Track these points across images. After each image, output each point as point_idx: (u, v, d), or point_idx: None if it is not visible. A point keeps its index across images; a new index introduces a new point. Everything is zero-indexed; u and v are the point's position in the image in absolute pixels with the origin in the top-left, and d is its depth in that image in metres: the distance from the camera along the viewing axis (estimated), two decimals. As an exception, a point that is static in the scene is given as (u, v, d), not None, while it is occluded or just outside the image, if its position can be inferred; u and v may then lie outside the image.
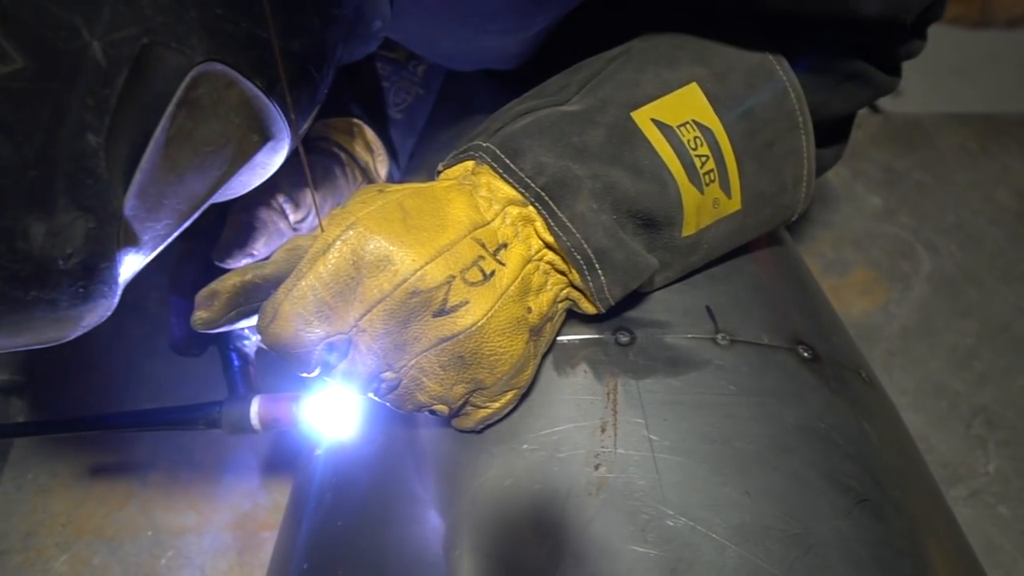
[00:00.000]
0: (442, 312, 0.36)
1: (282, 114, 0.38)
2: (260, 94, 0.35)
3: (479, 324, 0.36)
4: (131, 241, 0.33)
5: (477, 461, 0.40)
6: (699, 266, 0.46)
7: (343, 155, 0.60)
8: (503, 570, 0.36)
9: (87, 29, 0.27)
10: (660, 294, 0.46)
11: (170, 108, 0.31)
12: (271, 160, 0.40)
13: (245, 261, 0.51)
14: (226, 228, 0.50)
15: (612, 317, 0.44)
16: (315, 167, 0.57)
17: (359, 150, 0.63)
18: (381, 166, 0.65)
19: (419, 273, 0.35)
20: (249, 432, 0.48)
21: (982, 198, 0.97)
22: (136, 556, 0.63)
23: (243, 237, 0.51)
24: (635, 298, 0.45)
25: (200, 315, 0.37)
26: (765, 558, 0.35)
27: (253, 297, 0.37)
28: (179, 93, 0.31)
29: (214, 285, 0.36)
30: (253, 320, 0.38)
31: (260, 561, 0.63)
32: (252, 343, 0.53)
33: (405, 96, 0.69)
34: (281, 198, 0.52)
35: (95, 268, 0.31)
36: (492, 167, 0.41)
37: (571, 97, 0.44)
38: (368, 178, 0.63)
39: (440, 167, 0.44)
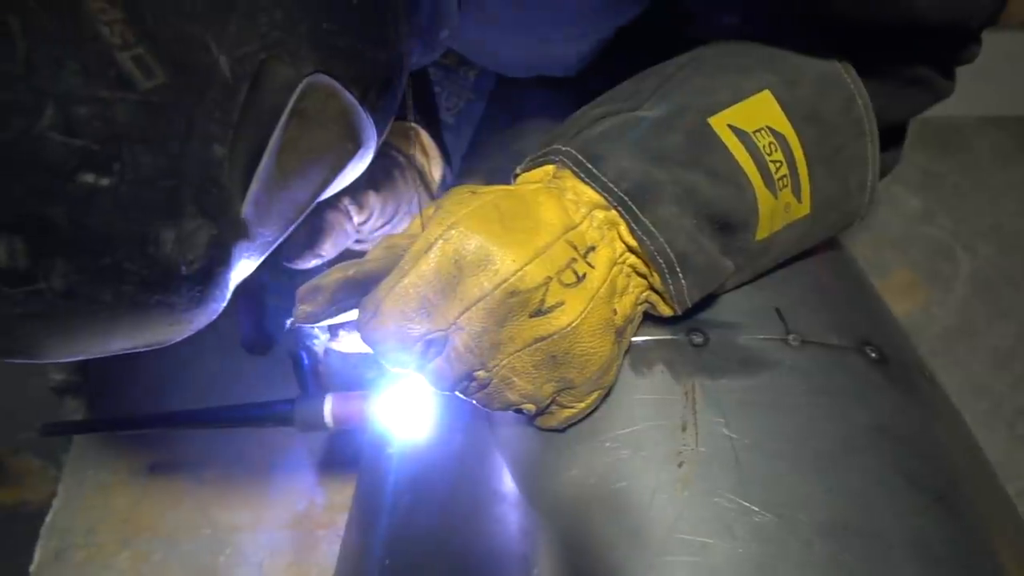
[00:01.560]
0: (538, 312, 0.37)
1: (372, 122, 0.39)
2: (356, 104, 0.36)
3: (573, 325, 0.37)
4: (244, 247, 0.34)
5: (560, 459, 0.41)
6: (767, 269, 0.47)
7: (402, 158, 0.61)
8: (592, 567, 0.37)
9: (216, 45, 0.28)
10: (729, 296, 0.47)
11: (283, 119, 0.32)
12: (357, 167, 0.41)
13: (314, 261, 0.52)
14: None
15: (684, 319, 0.45)
16: (377, 170, 0.58)
17: (416, 154, 0.64)
18: (436, 169, 0.67)
19: (519, 274, 0.36)
20: (321, 430, 0.49)
21: (1019, 200, 0.97)
22: (195, 553, 0.64)
23: (311, 238, 0.52)
24: (706, 299, 0.46)
25: (303, 309, 0.38)
26: (850, 554, 0.36)
27: (353, 293, 0.38)
28: (291, 104, 0.32)
29: (317, 281, 0.38)
30: (350, 315, 0.39)
31: (316, 559, 0.64)
32: (321, 342, 0.54)
33: (456, 101, 0.71)
34: (346, 200, 0.53)
35: (213, 274, 0.33)
36: (574, 171, 0.41)
37: (643, 103, 0.45)
38: (424, 181, 0.64)
39: (518, 170, 0.45)
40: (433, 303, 0.36)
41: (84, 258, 0.28)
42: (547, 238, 0.37)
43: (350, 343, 0.57)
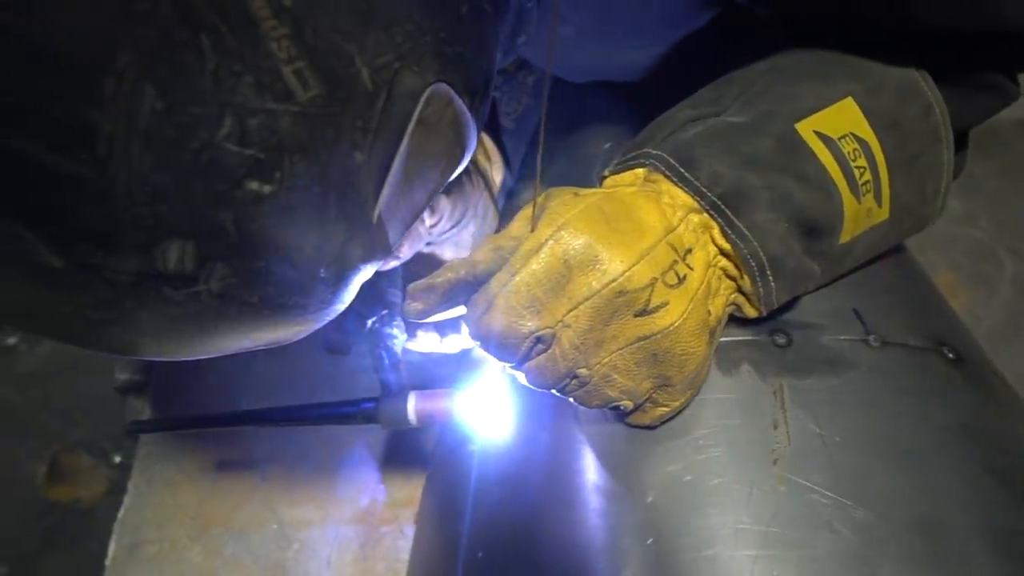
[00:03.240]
0: (643, 312, 0.38)
1: (476, 128, 0.40)
2: (467, 111, 0.38)
3: (676, 325, 0.38)
4: (373, 250, 0.35)
5: (654, 456, 0.42)
6: (846, 272, 0.48)
7: (468, 163, 0.62)
8: (689, 562, 0.38)
9: (359, 57, 0.30)
10: (807, 297, 0.48)
11: (410, 126, 0.33)
12: (456, 172, 0.42)
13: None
14: None
15: (766, 320, 0.46)
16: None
17: (479, 157, 0.65)
18: (497, 173, 0.68)
19: (627, 274, 0.37)
20: (405, 427, 0.50)
21: (1059, 203, 0.99)
22: (264, 548, 0.65)
23: None
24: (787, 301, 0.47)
25: (415, 306, 0.39)
26: (949, 549, 0.37)
27: (462, 292, 0.39)
28: (417, 112, 0.33)
29: (429, 280, 0.39)
30: (455, 312, 0.41)
31: (381, 554, 0.66)
32: (400, 342, 0.55)
33: (516, 105, 0.72)
34: None
35: (346, 277, 0.34)
36: (667, 175, 0.43)
37: (727, 108, 0.46)
38: (487, 185, 0.65)
39: (606, 173, 0.47)
40: (542, 301, 0.37)
41: (241, 262, 0.29)
42: (651, 240, 0.39)
43: (427, 343, 0.58)
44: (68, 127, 0.23)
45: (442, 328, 0.58)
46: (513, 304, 0.37)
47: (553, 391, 0.41)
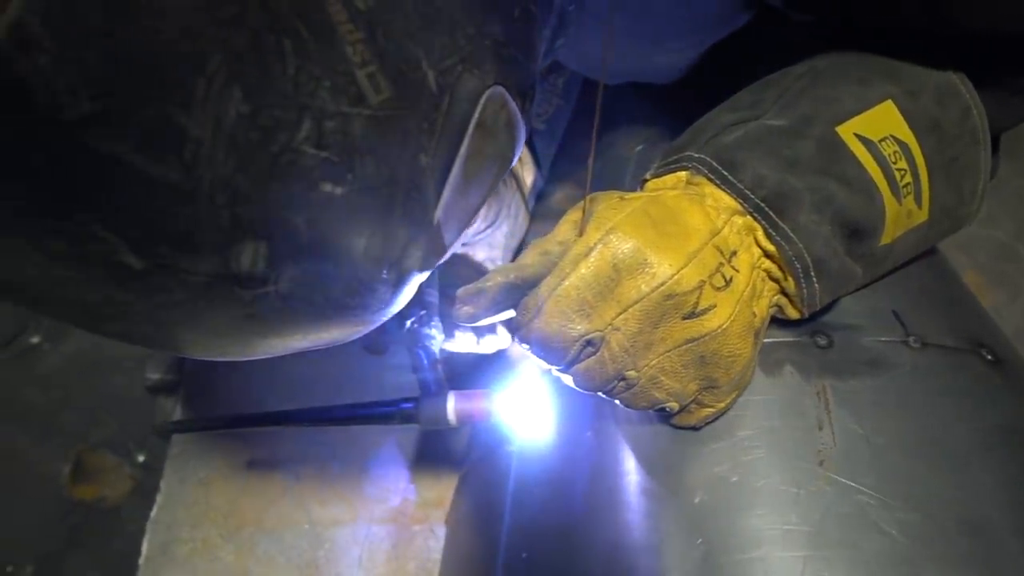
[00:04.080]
0: (691, 315, 0.38)
1: (525, 130, 0.41)
2: (519, 113, 0.38)
3: (723, 327, 0.39)
4: (432, 252, 0.35)
5: (700, 457, 0.42)
6: (884, 274, 0.49)
7: (500, 164, 0.63)
8: (738, 562, 0.39)
9: (426, 60, 0.30)
10: (846, 299, 0.48)
11: (470, 128, 0.34)
12: (506, 173, 0.42)
13: None
14: None
15: (807, 321, 0.47)
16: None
17: (512, 159, 0.65)
18: (528, 174, 0.68)
19: (676, 277, 0.37)
20: (444, 427, 0.51)
21: (1082, 205, 0.98)
22: (296, 547, 0.66)
23: None
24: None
25: (467, 310, 0.40)
26: (993, 550, 0.38)
27: (511, 296, 0.40)
28: (477, 115, 0.34)
29: (480, 284, 0.39)
30: (504, 315, 0.41)
31: (413, 553, 0.66)
32: (437, 342, 0.55)
33: (546, 107, 0.72)
34: None
35: (406, 278, 0.34)
36: (709, 178, 0.43)
37: (766, 111, 0.46)
38: (518, 186, 0.66)
39: (647, 176, 0.47)
40: (592, 304, 0.38)
41: (310, 263, 0.30)
42: (697, 243, 0.39)
43: (464, 343, 0.59)
44: (158, 130, 0.23)
45: (479, 329, 0.58)
46: (563, 308, 0.37)
47: (599, 393, 0.41)
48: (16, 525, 0.97)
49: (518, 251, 0.69)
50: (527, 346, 0.40)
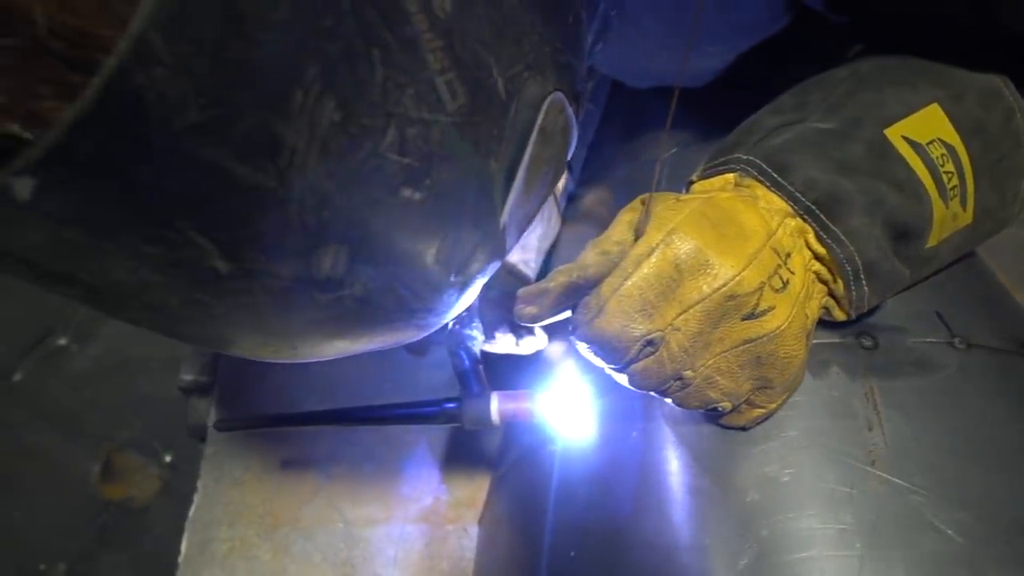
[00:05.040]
0: (751, 316, 0.39)
1: (576, 138, 0.41)
2: (574, 118, 0.39)
3: (781, 328, 0.39)
4: (496, 257, 0.36)
5: (750, 457, 0.43)
6: (929, 275, 0.49)
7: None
8: (793, 562, 0.39)
9: (496, 67, 0.31)
10: (890, 300, 0.48)
11: (533, 134, 0.34)
12: (561, 178, 0.43)
13: None
14: None
15: (851, 323, 0.47)
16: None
17: (544, 161, 0.66)
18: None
19: (737, 279, 0.38)
20: (488, 427, 0.51)
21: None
22: (331, 546, 0.66)
23: None
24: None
25: (529, 310, 0.40)
26: (1048, 550, 0.38)
27: (571, 296, 0.40)
28: (539, 120, 0.34)
29: (542, 284, 0.40)
30: (562, 315, 0.41)
31: (447, 552, 0.66)
32: (477, 344, 0.56)
33: (577, 109, 0.73)
34: None
35: (472, 282, 0.35)
36: (759, 180, 0.43)
37: (812, 114, 0.47)
38: (551, 188, 0.66)
39: (693, 178, 0.47)
40: (653, 304, 0.38)
41: (385, 267, 0.30)
42: (756, 244, 0.39)
43: (504, 344, 0.59)
44: (258, 139, 0.23)
45: (519, 331, 0.58)
46: (625, 308, 0.38)
47: (651, 392, 0.42)
48: (47, 524, 0.99)
49: (550, 253, 0.70)
50: (586, 345, 0.40)
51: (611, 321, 0.38)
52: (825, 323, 0.47)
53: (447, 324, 0.55)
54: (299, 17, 0.23)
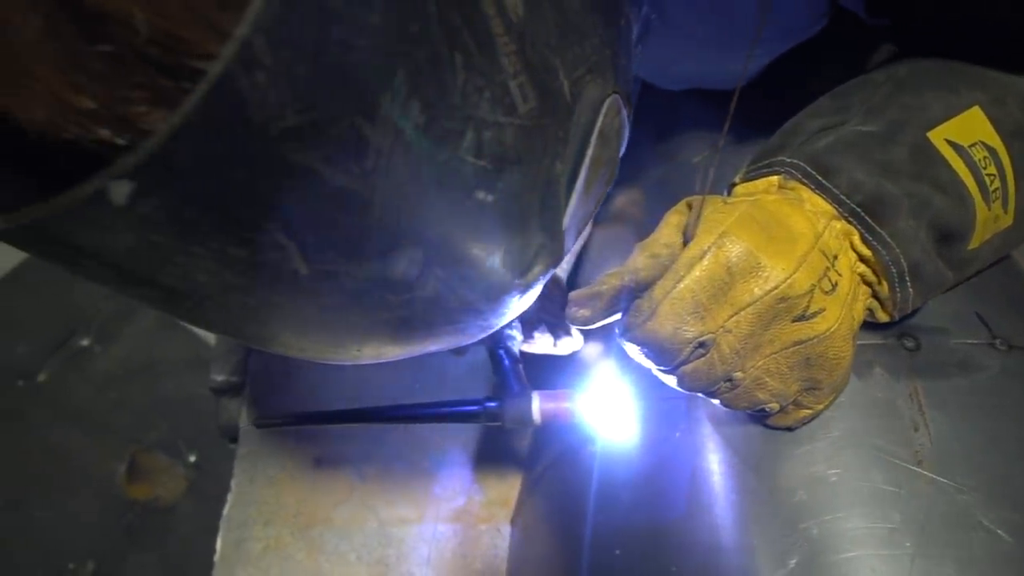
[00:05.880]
0: (801, 318, 0.39)
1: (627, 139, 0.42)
2: (627, 121, 0.39)
3: (832, 330, 0.39)
4: (556, 259, 0.36)
5: (797, 457, 0.43)
6: (969, 277, 0.49)
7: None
8: (843, 563, 0.39)
9: (562, 70, 0.31)
10: (930, 302, 0.49)
11: (594, 136, 0.34)
12: (613, 180, 0.43)
13: None
14: None
15: (892, 324, 0.47)
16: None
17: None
18: (591, 179, 0.69)
19: (789, 281, 0.38)
20: (529, 426, 0.52)
21: None
22: (365, 546, 0.67)
23: None
24: (914, 306, 0.48)
25: (582, 313, 0.41)
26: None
27: (623, 299, 0.40)
28: (599, 122, 0.35)
29: (595, 288, 0.40)
30: (611, 318, 0.42)
31: (479, 552, 0.67)
32: (517, 343, 0.56)
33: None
34: None
35: (533, 284, 0.35)
36: (804, 183, 0.44)
37: (853, 117, 0.47)
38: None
39: (736, 180, 0.48)
40: (706, 307, 0.38)
41: (455, 268, 0.30)
42: (805, 247, 0.40)
43: (542, 345, 0.60)
44: (348, 142, 0.24)
45: (556, 331, 0.59)
46: (678, 310, 0.38)
47: (699, 393, 0.42)
48: (75, 524, 0.99)
49: (580, 255, 0.70)
50: (636, 347, 0.40)
51: (664, 323, 0.38)
52: (867, 324, 0.47)
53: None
54: (390, 22, 0.23)
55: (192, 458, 1.00)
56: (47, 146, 0.26)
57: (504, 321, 0.37)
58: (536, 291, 0.37)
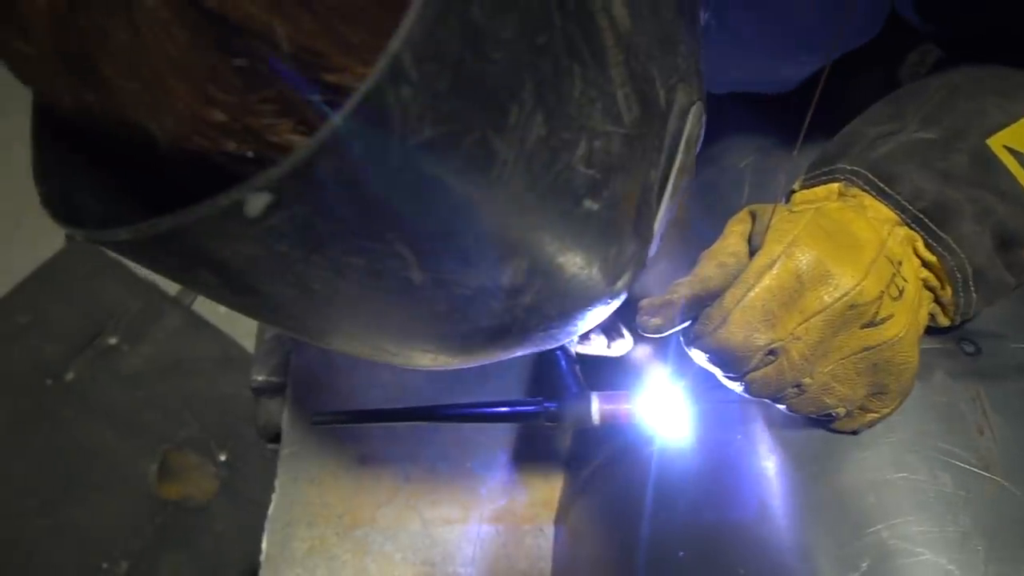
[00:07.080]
0: (870, 324, 0.40)
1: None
2: (704, 126, 0.40)
3: (900, 336, 0.40)
4: (645, 265, 0.37)
5: (860, 461, 0.43)
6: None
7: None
8: (907, 566, 0.40)
9: (658, 79, 0.31)
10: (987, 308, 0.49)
11: (682, 143, 0.35)
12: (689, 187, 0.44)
13: None
14: None
15: (951, 329, 0.48)
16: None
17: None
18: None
19: (858, 288, 0.39)
20: (588, 427, 0.52)
21: None
22: (410, 546, 0.67)
23: None
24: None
25: (655, 322, 0.41)
26: None
27: (694, 307, 0.41)
28: (687, 129, 0.35)
29: (667, 296, 0.41)
30: (681, 326, 0.42)
31: (524, 553, 0.67)
32: (572, 345, 0.57)
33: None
34: None
35: (625, 289, 0.36)
36: (865, 190, 0.44)
37: (909, 124, 0.48)
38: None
39: (795, 187, 0.48)
40: (776, 315, 0.39)
41: (556, 278, 0.31)
42: (871, 254, 0.40)
43: (596, 346, 0.60)
44: (477, 153, 0.24)
45: (610, 333, 0.59)
46: (749, 318, 0.39)
47: (766, 399, 0.43)
48: (107, 523, 1.00)
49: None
50: (706, 355, 0.41)
51: (735, 332, 0.39)
52: (926, 329, 0.47)
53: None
54: (521, 34, 0.23)
55: (223, 457, 1.00)
56: (178, 158, 0.26)
57: (589, 327, 0.38)
58: (622, 298, 0.38)
